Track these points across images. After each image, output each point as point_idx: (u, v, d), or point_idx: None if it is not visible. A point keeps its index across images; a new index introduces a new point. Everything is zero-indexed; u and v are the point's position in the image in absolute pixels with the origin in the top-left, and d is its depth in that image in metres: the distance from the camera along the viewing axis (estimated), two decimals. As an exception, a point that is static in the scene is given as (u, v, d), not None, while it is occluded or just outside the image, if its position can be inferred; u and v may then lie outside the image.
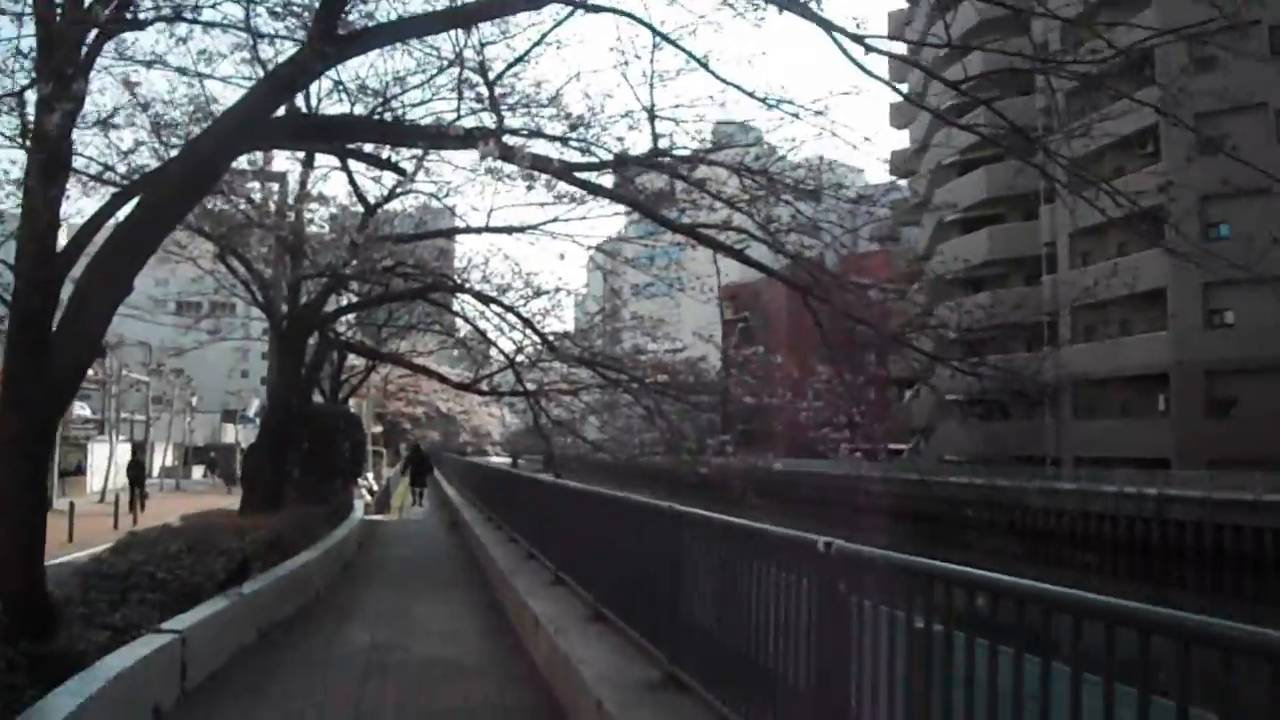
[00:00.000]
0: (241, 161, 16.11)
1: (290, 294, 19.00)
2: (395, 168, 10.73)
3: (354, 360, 36.05)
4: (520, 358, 21.63)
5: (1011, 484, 48.76)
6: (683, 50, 8.60)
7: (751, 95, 8.97)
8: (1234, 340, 46.38)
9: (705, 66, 8.74)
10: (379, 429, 57.18)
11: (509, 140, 9.63)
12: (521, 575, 13.87)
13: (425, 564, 20.81)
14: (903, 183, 74.98)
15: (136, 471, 41.99)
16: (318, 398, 29.90)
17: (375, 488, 43.54)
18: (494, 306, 19.88)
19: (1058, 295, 50.77)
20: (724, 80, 8.80)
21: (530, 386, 21.79)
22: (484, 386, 25.80)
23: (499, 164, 9.62)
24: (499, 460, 76.59)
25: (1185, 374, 47.85)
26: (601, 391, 22.09)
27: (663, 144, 11.17)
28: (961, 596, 3.88)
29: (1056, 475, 50.06)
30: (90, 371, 58.66)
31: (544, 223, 17.78)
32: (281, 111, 9.31)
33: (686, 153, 11.00)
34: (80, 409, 64.33)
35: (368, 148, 10.36)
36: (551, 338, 20.23)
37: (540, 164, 9.29)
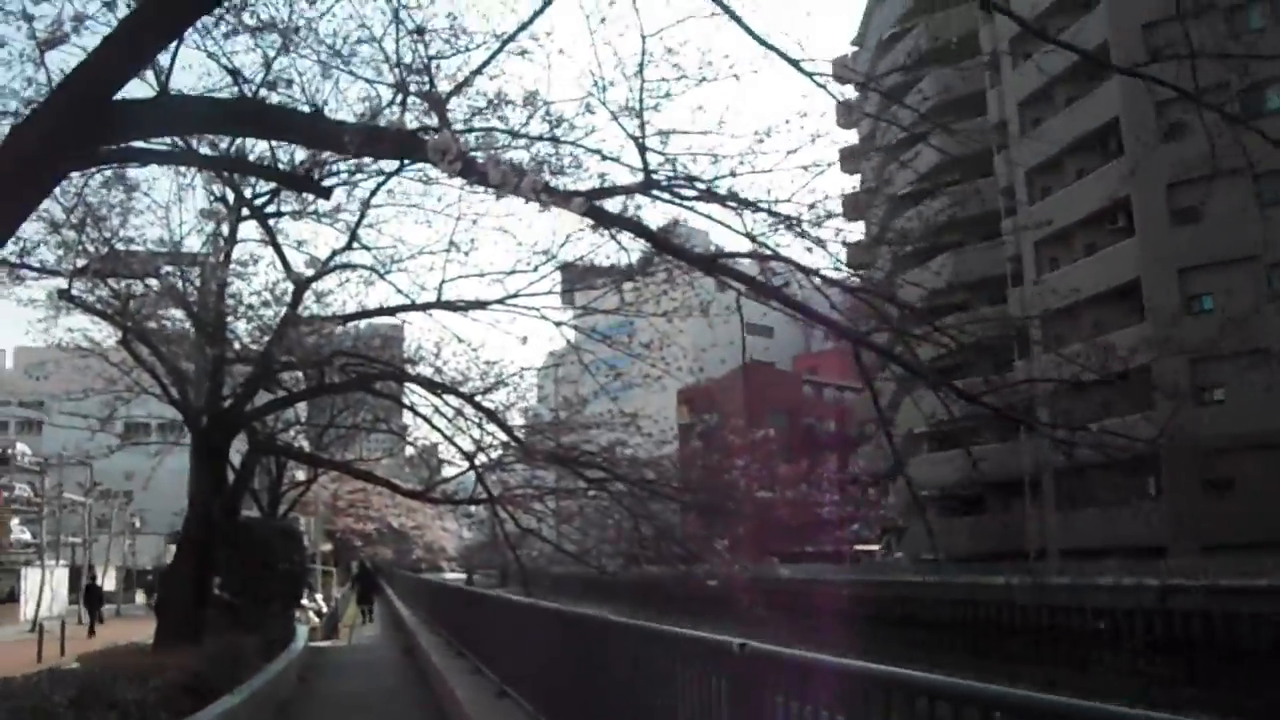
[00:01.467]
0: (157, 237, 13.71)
1: (211, 386, 16.25)
2: (317, 187, 8.28)
3: (299, 472, 33.09)
4: (481, 457, 18.93)
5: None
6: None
7: (796, 65, 6.58)
8: (1226, 417, 44.56)
9: (738, 20, 6.33)
10: (328, 547, 54.32)
11: (471, 152, 7.20)
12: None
13: (376, 700, 17.99)
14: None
15: (92, 595, 42.10)
16: (254, 512, 27.08)
17: (324, 609, 41.03)
18: (449, 398, 17.28)
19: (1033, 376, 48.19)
20: (763, 42, 6.40)
21: (494, 491, 19.03)
22: (438, 494, 22.75)
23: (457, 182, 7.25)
24: (454, 576, 73.49)
25: (1178, 454, 45.49)
26: (571, 495, 19.39)
27: (657, 176, 8.86)
28: None
29: (1043, 570, 46.93)
30: (28, 493, 55.90)
31: (506, 297, 15.39)
32: (150, 92, 6.87)
33: (703, 184, 8.62)
34: (19, 532, 61.19)
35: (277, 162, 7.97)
36: (519, 432, 17.66)
37: (510, 182, 6.80)
